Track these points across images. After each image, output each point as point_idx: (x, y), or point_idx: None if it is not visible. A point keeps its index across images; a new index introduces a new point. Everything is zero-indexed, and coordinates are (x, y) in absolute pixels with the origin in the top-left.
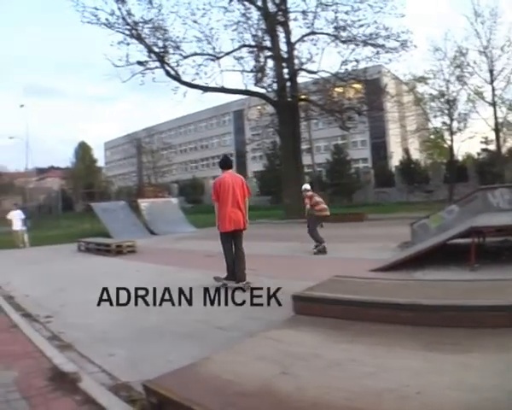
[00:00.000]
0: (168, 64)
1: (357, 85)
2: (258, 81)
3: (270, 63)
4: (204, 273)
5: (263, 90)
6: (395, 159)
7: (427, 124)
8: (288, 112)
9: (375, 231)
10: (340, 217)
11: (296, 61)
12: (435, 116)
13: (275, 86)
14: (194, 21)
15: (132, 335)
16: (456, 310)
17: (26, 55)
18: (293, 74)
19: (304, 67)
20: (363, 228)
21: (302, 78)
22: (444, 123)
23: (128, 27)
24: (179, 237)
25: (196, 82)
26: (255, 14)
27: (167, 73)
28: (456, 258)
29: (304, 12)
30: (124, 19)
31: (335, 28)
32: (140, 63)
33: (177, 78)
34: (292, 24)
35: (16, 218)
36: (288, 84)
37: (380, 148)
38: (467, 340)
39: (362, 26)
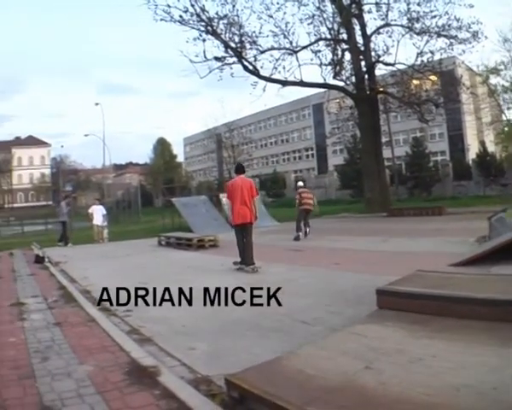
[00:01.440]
0: (246, 59)
1: (433, 77)
2: (336, 74)
3: (348, 56)
4: (288, 268)
5: (341, 83)
6: (472, 151)
7: (501, 116)
8: (367, 105)
9: (454, 224)
10: (419, 211)
11: (373, 54)
12: (508, 108)
13: (353, 79)
14: (270, 16)
15: (214, 329)
16: None
17: (101, 55)
18: (371, 67)
19: (381, 59)
20: (441, 222)
21: (379, 70)
22: None
23: (203, 24)
24: (261, 232)
25: (275, 76)
26: (330, 7)
27: (245, 68)
28: None
29: (377, 3)
30: (198, 15)
31: (409, 20)
32: (217, 59)
33: (255, 72)
34: (366, 16)
35: (98, 213)
36: (366, 76)
37: (457, 140)
38: None
39: (434, 17)
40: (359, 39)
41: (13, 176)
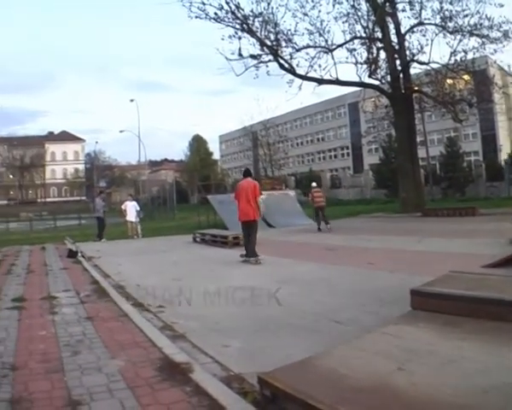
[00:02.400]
0: (281, 57)
1: (467, 76)
2: (371, 73)
3: (383, 55)
4: (322, 266)
5: (377, 82)
6: (504, 152)
7: None
8: (402, 104)
9: (486, 225)
10: (452, 211)
11: (407, 53)
12: None
13: (388, 78)
14: (305, 14)
15: (247, 326)
16: None
17: (137, 53)
18: (406, 65)
19: (415, 58)
20: (474, 223)
21: (414, 69)
22: None
23: (238, 21)
24: (297, 230)
25: (311, 74)
26: (364, 5)
27: (281, 66)
28: None
29: (410, 2)
30: (233, 13)
31: (442, 18)
32: (253, 57)
33: (291, 71)
34: (400, 15)
35: (131, 209)
36: (401, 75)
37: (490, 140)
38: None
39: (466, 16)
40: (394, 38)
41: (46, 171)
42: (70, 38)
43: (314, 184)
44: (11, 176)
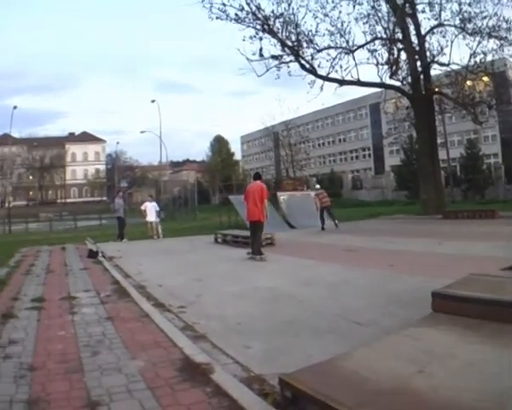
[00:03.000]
0: (303, 58)
1: (486, 78)
2: (392, 74)
3: (404, 56)
4: (343, 268)
5: (398, 83)
6: None
7: None
8: (423, 105)
9: (506, 228)
10: (472, 213)
11: (428, 54)
12: None
13: (409, 79)
14: (325, 15)
15: (269, 327)
16: None
17: (158, 54)
18: (426, 67)
19: (435, 59)
20: (494, 225)
21: (434, 70)
22: None
23: (259, 22)
24: (317, 231)
25: (332, 75)
26: (384, 6)
27: (302, 67)
28: None
29: (430, 3)
30: (254, 14)
31: (461, 20)
32: (274, 57)
33: (312, 71)
34: (420, 16)
35: (151, 209)
36: (422, 76)
37: (509, 143)
38: None
39: (485, 17)
40: (414, 39)
41: (66, 171)
42: (91, 38)
43: (318, 185)
44: (31, 177)
